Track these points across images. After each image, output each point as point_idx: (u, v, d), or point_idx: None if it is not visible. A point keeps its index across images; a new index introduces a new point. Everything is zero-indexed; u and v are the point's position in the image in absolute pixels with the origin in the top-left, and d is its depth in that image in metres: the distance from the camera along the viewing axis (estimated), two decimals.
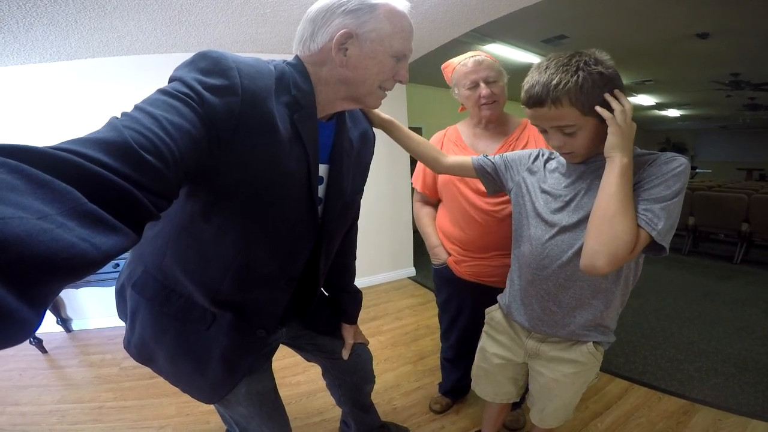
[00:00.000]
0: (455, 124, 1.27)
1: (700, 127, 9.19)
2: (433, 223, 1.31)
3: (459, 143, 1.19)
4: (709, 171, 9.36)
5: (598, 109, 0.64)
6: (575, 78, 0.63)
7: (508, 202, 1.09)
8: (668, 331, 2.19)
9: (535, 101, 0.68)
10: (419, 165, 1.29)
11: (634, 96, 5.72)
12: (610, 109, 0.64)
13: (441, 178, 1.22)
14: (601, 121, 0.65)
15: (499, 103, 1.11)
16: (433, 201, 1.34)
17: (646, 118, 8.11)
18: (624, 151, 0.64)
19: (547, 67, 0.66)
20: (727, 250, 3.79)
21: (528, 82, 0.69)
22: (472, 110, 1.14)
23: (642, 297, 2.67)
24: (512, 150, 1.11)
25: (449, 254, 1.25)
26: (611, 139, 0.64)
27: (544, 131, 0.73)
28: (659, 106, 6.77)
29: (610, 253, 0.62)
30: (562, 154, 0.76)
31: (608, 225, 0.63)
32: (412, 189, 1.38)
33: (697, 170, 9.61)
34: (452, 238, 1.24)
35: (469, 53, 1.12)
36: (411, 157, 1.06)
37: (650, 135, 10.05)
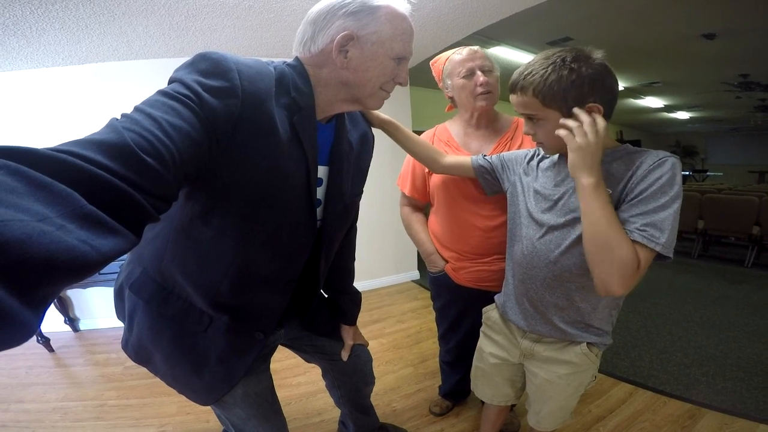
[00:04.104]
0: (444, 123, 1.20)
1: (711, 129, 9.02)
2: (426, 228, 1.25)
3: (451, 143, 1.13)
4: (720, 174, 9.20)
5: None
6: (544, 71, 0.65)
7: (503, 208, 1.06)
8: (675, 335, 2.15)
9: (510, 87, 0.73)
10: (406, 167, 1.24)
11: (642, 98, 5.64)
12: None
13: (434, 182, 1.15)
14: (564, 116, 0.66)
15: (494, 95, 1.04)
16: (422, 205, 1.28)
17: (655, 120, 7.98)
18: (589, 171, 0.62)
19: (535, 60, 0.69)
20: (738, 254, 3.72)
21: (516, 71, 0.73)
22: (466, 102, 1.06)
23: (649, 301, 2.60)
24: (508, 151, 1.05)
25: (446, 261, 1.20)
26: (570, 156, 0.65)
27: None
28: (668, 108, 6.66)
29: (619, 277, 0.62)
30: (537, 144, 0.78)
31: (606, 253, 0.62)
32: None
33: (708, 173, 9.44)
34: (448, 244, 1.18)
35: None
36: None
37: (660, 138, 9.91)
